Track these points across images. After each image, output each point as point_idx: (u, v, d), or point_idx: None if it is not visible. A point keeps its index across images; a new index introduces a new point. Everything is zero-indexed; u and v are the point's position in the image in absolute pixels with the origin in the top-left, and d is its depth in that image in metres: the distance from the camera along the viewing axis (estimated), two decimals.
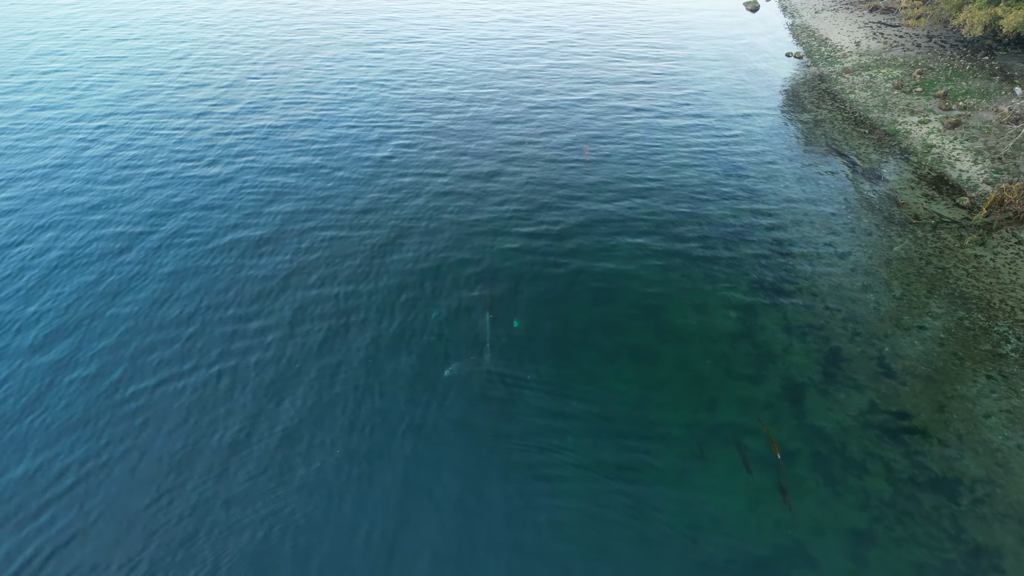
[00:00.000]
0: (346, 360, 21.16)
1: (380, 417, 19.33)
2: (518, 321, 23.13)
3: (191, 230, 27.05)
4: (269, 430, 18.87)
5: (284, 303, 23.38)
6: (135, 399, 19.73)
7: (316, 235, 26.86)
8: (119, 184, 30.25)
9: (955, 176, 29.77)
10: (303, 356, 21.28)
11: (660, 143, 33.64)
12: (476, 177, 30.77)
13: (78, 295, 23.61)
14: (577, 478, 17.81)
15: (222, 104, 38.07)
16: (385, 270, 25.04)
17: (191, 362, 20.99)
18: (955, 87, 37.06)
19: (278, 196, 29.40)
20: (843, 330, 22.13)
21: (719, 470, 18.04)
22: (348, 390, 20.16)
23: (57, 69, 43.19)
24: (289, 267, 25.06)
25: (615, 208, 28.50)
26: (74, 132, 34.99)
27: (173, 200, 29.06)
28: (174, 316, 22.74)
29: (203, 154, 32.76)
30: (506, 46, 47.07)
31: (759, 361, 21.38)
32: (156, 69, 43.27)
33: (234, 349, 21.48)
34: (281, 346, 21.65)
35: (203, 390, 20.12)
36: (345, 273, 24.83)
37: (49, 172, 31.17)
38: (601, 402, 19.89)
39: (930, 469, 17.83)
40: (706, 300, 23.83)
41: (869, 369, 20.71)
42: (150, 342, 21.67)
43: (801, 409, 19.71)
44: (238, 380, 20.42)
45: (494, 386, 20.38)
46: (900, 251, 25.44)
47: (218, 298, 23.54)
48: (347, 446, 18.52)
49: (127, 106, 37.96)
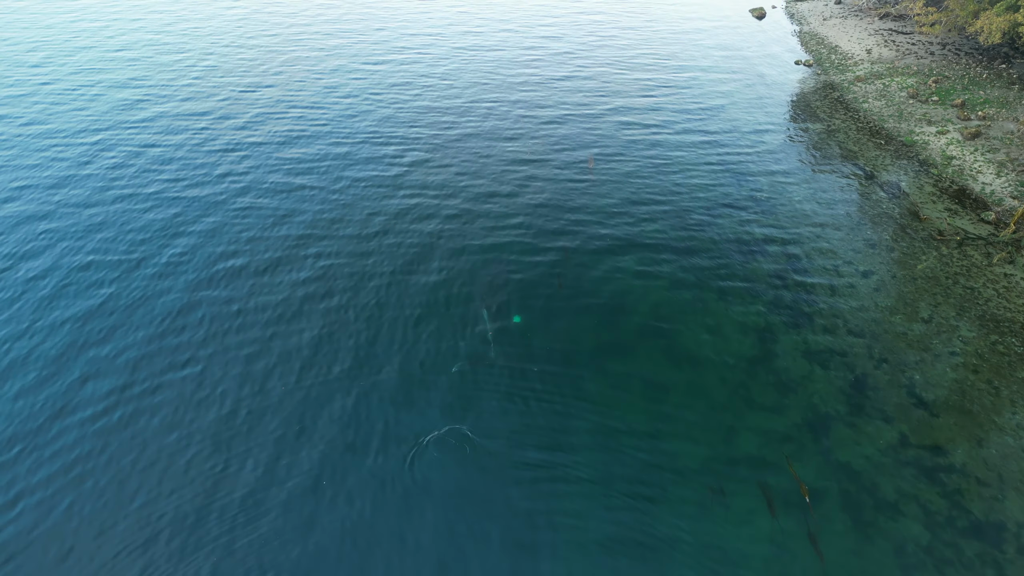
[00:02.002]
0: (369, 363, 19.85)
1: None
2: (518, 316, 22.26)
3: (188, 255, 25.81)
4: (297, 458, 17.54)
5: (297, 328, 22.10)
6: (131, 448, 18.43)
7: (315, 260, 25.60)
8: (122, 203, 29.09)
9: (978, 189, 28.45)
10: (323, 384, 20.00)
11: (668, 157, 32.39)
12: (478, 193, 29.52)
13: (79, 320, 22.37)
14: (585, 514, 16.43)
15: (224, 119, 36.94)
16: (386, 289, 23.77)
17: (203, 392, 19.70)
18: (973, 96, 35.81)
19: (284, 219, 28.17)
20: (868, 356, 20.75)
21: (741, 509, 16.64)
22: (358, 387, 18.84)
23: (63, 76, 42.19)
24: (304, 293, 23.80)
25: (622, 224, 27.20)
26: (74, 147, 33.87)
27: (178, 219, 27.83)
28: (176, 344, 21.46)
29: (208, 171, 31.58)
30: (506, 60, 45.98)
31: (779, 389, 20.01)
32: (163, 80, 42.22)
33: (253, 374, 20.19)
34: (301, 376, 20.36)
35: (219, 426, 18.80)
36: (365, 293, 23.55)
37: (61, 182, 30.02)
38: (611, 432, 18.52)
39: (970, 511, 16.41)
40: (720, 322, 22.49)
41: (898, 399, 19.32)
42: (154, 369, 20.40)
43: (826, 443, 18.32)
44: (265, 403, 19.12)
45: (498, 409, 19.03)
46: (925, 269, 24.08)
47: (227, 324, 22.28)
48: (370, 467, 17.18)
49: (128, 118, 36.86)
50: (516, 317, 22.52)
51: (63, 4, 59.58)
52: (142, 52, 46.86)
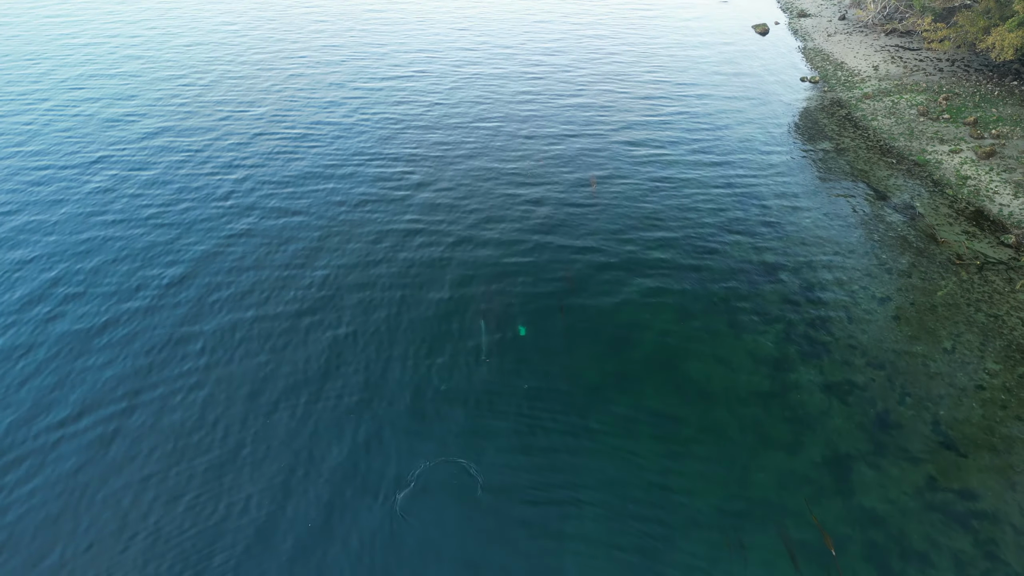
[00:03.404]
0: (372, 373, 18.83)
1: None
2: (523, 328, 21.53)
3: (186, 282, 24.94)
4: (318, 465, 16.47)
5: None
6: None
7: (316, 290, 24.70)
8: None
9: (995, 211, 27.49)
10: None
11: (673, 178, 31.51)
12: (478, 219, 28.66)
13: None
14: (589, 567, 15.31)
15: (224, 138, 36.27)
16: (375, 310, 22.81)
17: (202, 431, 18.69)
18: (985, 114, 34.99)
19: (282, 245, 27.31)
20: (890, 390, 19.67)
21: (759, 561, 15.50)
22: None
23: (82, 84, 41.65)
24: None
25: (627, 248, 26.25)
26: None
27: (174, 244, 27.00)
28: (187, 369, 20.50)
29: (209, 193, 30.81)
30: (509, 79, 45.40)
31: (796, 425, 18.92)
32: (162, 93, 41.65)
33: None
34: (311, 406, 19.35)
35: (232, 460, 17.77)
36: (371, 322, 22.61)
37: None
38: (618, 473, 17.43)
39: (1007, 563, 15.24)
40: (731, 353, 21.45)
41: (924, 437, 18.20)
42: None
43: (848, 485, 17.20)
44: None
45: (498, 446, 17.96)
46: (945, 296, 23.05)
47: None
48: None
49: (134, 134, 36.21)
50: (521, 329, 21.93)
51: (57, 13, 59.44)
52: (135, 67, 46.40)
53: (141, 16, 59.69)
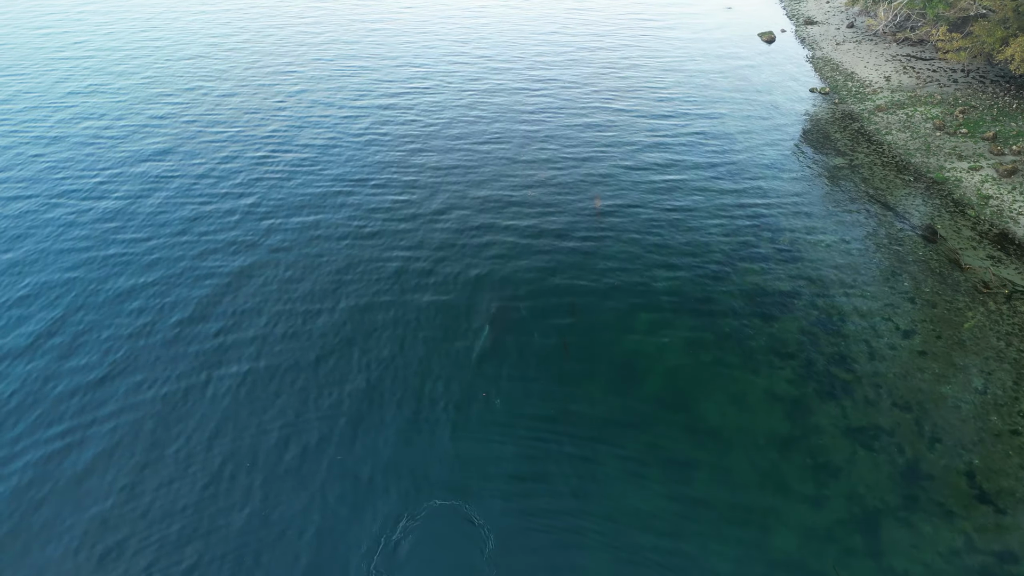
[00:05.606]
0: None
1: None
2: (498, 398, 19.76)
3: (185, 312, 23.67)
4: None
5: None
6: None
7: (312, 319, 23.39)
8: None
9: (1020, 234, 26.11)
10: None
11: (680, 200, 30.10)
12: (480, 243, 27.34)
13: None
14: None
15: (223, 154, 35.03)
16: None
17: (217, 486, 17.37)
18: (1004, 128, 33.63)
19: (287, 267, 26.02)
20: (918, 435, 18.27)
21: None
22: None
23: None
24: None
25: (633, 276, 24.89)
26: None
27: (177, 270, 25.73)
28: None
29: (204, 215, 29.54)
30: (511, 96, 44.17)
31: (818, 474, 17.55)
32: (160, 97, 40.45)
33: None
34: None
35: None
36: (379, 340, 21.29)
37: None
38: (625, 526, 16.07)
39: None
40: (746, 391, 20.08)
41: (959, 490, 16.80)
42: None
43: (877, 544, 15.81)
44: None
45: (493, 491, 16.60)
46: (973, 329, 21.66)
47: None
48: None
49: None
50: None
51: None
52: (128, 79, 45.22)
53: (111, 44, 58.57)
